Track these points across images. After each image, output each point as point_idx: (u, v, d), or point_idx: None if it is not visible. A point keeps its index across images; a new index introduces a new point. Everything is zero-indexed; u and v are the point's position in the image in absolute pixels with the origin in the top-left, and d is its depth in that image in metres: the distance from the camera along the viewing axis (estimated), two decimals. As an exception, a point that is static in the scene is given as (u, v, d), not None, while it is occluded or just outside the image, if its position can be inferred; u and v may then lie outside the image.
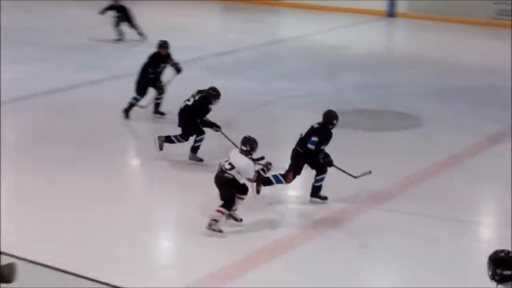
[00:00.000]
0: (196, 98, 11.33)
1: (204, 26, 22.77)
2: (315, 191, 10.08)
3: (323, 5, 24.93)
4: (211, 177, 9.14)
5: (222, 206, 9.05)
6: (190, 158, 11.41)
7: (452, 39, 21.63)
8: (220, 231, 9.00)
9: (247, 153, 9.09)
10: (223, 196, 9.11)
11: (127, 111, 13.32)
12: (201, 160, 11.38)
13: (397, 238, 9.17)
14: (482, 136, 12.86)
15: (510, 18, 22.97)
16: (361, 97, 15.09)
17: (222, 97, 11.30)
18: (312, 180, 10.02)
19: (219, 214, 9.01)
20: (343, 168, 9.98)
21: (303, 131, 9.86)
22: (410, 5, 24.31)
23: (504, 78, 16.91)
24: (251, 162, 9.09)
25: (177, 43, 18.40)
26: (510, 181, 11.05)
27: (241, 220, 9.34)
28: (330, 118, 9.99)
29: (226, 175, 9.04)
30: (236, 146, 9.71)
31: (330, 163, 9.91)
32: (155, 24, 19.67)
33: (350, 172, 9.99)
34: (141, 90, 13.24)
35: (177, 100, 12.72)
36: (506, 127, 13.40)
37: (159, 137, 11.44)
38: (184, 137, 11.39)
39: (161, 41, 13.50)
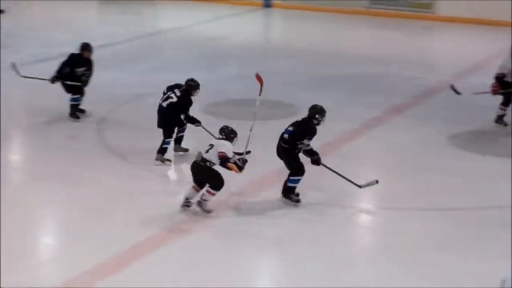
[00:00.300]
0: (178, 94, 10.92)
1: (80, 20, 22.40)
2: (288, 191, 9.66)
3: (201, -3, 25.03)
4: (94, 172, 8.97)
5: (211, 186, 9.15)
6: (176, 150, 11.17)
7: (329, 29, 22.05)
8: (209, 211, 9.19)
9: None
10: (211, 183, 9.17)
11: (73, 114, 12.73)
12: (186, 150, 11.16)
13: (275, 226, 9.25)
14: (359, 123, 13.16)
15: (383, 7, 23.59)
16: (240, 88, 15.15)
17: (99, 91, 11.13)
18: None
19: (208, 194, 9.16)
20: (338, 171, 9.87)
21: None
22: (286, -5, 24.69)
23: (381, 66, 17.37)
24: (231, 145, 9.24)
25: (53, 37, 18.11)
26: (386, 165, 11.39)
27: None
28: (313, 112, 9.69)
29: (208, 163, 9.11)
30: (216, 138, 9.66)
31: (317, 161, 9.60)
32: (30, 18, 19.21)
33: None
34: (68, 88, 12.60)
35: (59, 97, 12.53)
36: (382, 113, 13.77)
37: (159, 157, 10.92)
38: (167, 136, 10.99)
39: (84, 43, 12.82)
